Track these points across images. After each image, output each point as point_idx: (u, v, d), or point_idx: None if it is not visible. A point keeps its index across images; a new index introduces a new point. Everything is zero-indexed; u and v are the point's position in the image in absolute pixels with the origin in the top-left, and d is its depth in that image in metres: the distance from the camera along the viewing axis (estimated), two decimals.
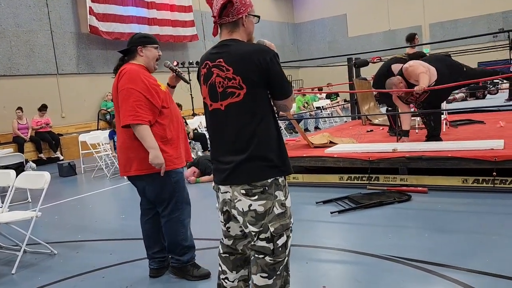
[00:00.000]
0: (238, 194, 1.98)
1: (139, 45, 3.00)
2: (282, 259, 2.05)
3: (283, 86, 2.01)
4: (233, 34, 2.02)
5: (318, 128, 12.18)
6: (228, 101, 1.97)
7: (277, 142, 2.02)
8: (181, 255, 3.08)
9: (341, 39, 21.48)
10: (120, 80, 2.88)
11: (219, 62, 1.98)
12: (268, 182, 1.97)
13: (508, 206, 4.16)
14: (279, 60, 2.00)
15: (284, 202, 2.03)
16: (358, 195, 4.78)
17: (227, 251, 2.21)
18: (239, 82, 1.93)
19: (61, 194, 6.86)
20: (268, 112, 2.01)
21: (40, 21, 11.74)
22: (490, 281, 2.71)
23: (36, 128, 10.62)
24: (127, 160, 2.96)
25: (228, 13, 1.99)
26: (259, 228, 1.98)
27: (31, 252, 4.05)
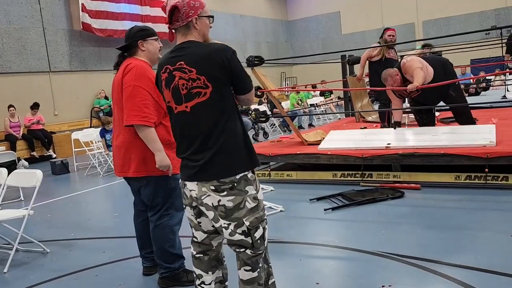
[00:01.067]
0: (207, 190, 2.01)
1: (139, 39, 2.87)
2: (262, 251, 2.09)
3: (245, 81, 2.07)
4: (187, 36, 2.08)
5: (312, 125, 12.19)
6: (195, 102, 2.01)
7: (243, 138, 2.07)
8: (171, 262, 2.96)
9: (335, 37, 21.50)
10: (126, 75, 2.75)
11: (180, 65, 2.02)
12: (236, 179, 2.00)
13: (500, 202, 4.19)
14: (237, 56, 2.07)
15: (256, 196, 2.07)
16: (352, 192, 4.79)
17: (201, 250, 2.21)
18: (204, 81, 1.98)
19: (54, 192, 6.82)
20: (233, 109, 2.06)
21: (32, 18, 11.64)
22: (482, 276, 2.73)
23: (27, 126, 10.55)
24: (125, 160, 2.86)
25: (178, 18, 2.05)
26: (230, 221, 2.02)
27: (24, 250, 4.02)
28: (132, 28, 2.96)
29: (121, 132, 2.87)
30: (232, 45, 2.13)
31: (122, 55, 2.93)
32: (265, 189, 5.43)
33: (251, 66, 6.05)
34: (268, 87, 6.43)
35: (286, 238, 3.74)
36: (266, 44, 20.95)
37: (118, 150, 2.91)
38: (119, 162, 2.92)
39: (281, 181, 5.80)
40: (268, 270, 2.18)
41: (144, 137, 2.72)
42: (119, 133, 2.90)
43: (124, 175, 2.93)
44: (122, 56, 2.93)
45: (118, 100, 2.83)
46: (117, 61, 2.94)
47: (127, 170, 2.87)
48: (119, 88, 2.80)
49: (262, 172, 6.06)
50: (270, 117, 10.39)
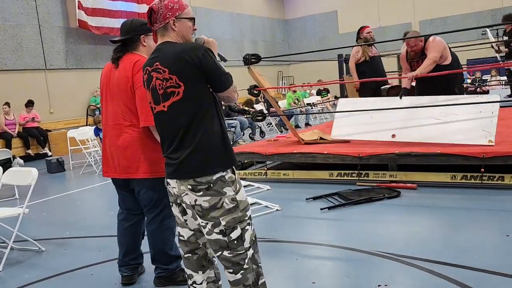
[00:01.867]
0: (185, 188, 2.04)
1: (143, 34, 2.75)
2: (242, 252, 2.07)
3: (221, 79, 2.06)
4: (164, 37, 2.11)
5: (308, 125, 12.20)
6: (171, 101, 2.03)
7: (221, 137, 2.06)
8: (168, 263, 2.91)
9: (332, 36, 21.50)
10: (138, 73, 2.61)
11: (156, 65, 2.06)
12: (213, 179, 2.01)
13: (495, 202, 4.20)
14: (213, 55, 2.07)
15: (234, 197, 2.06)
16: (348, 191, 4.79)
17: (188, 250, 2.21)
18: (176, 80, 2.01)
19: (49, 190, 6.79)
20: (210, 107, 2.05)
21: (27, 15, 11.58)
22: (478, 276, 2.73)
23: (22, 124, 10.50)
24: (133, 161, 2.73)
25: (156, 20, 2.09)
26: (207, 221, 2.03)
27: (19, 249, 4.00)
28: (132, 21, 2.83)
29: (125, 131, 2.74)
30: (229, 43, 2.14)
31: (122, 49, 2.79)
32: (261, 188, 5.42)
33: (248, 64, 6.04)
34: (265, 86, 6.41)
35: (282, 238, 3.73)
36: (263, 43, 20.93)
37: (122, 150, 2.76)
38: (124, 163, 2.76)
39: (277, 180, 5.79)
40: (257, 270, 2.16)
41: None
42: (122, 132, 2.75)
43: (130, 177, 2.78)
44: (122, 51, 2.78)
45: (126, 97, 2.70)
46: (117, 56, 2.77)
47: (135, 171, 2.75)
48: (128, 86, 2.68)
49: (259, 171, 6.06)
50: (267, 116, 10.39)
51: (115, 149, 2.80)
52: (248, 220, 2.11)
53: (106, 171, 2.93)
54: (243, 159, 6.36)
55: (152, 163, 2.74)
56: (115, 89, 2.77)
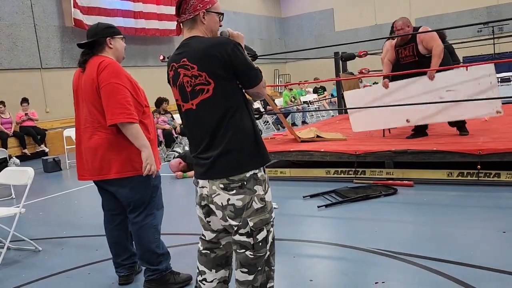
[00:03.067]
0: (216, 188, 1.98)
1: (108, 36, 2.77)
2: (263, 254, 2.05)
3: (250, 74, 2.00)
4: (192, 31, 2.04)
5: (305, 123, 12.21)
6: (199, 99, 1.97)
7: (253, 134, 2.01)
8: (157, 264, 2.85)
9: (328, 34, 21.51)
10: (102, 73, 2.64)
11: (183, 62, 1.99)
12: (246, 177, 1.97)
13: (492, 199, 4.21)
14: (243, 49, 2.00)
15: (263, 197, 2.02)
16: (345, 189, 4.80)
17: (208, 247, 2.17)
18: (205, 77, 1.94)
19: (46, 190, 6.77)
20: (241, 104, 2.00)
21: (23, 14, 11.52)
22: (475, 273, 2.74)
23: (19, 122, 10.46)
24: (104, 162, 2.71)
25: (185, 10, 2.02)
26: (238, 222, 1.99)
27: (15, 249, 3.99)
28: (98, 25, 2.86)
29: (96, 132, 2.72)
30: None
31: (88, 52, 2.79)
32: None
33: None
34: None
35: (280, 236, 3.73)
36: (259, 41, 20.91)
37: (93, 151, 2.74)
38: (95, 165, 2.75)
39: (274, 178, 5.79)
40: (268, 273, 2.14)
41: (131, 134, 2.63)
42: (92, 134, 2.74)
43: (102, 178, 2.76)
44: (88, 53, 2.79)
45: (93, 99, 2.69)
46: (83, 59, 2.78)
47: (107, 172, 2.72)
48: (94, 87, 2.67)
49: None
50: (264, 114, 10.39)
51: (88, 151, 2.79)
52: (272, 222, 2.08)
53: (82, 174, 2.91)
54: None
55: (124, 162, 2.70)
56: (83, 93, 2.76)
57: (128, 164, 2.71)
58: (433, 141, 5.32)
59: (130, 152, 2.70)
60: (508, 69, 15.34)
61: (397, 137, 6.08)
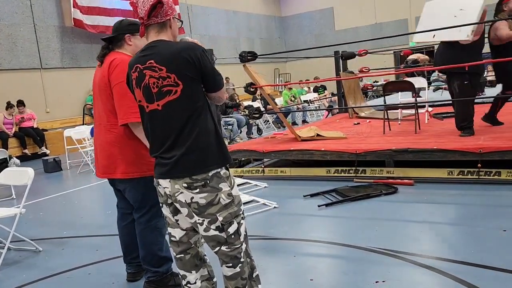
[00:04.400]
0: (179, 187, 2.02)
1: (128, 33, 2.77)
2: (239, 246, 2.09)
3: (215, 79, 2.09)
4: (160, 35, 2.08)
5: (305, 122, 12.20)
6: (166, 100, 2.01)
7: (215, 134, 2.07)
8: (158, 266, 2.84)
9: (328, 33, 21.51)
10: (113, 72, 2.63)
11: (150, 63, 2.02)
12: (208, 176, 2.01)
13: (492, 197, 4.21)
14: (208, 55, 2.07)
15: (230, 192, 2.07)
16: (345, 188, 4.80)
17: (181, 250, 2.20)
18: (174, 79, 1.98)
19: (46, 190, 6.77)
20: (205, 106, 2.06)
21: (22, 14, 11.52)
22: (475, 271, 2.74)
23: (17, 123, 10.46)
24: (111, 160, 2.74)
25: (157, 14, 2.05)
26: (204, 218, 2.03)
27: (16, 249, 3.99)
28: (122, 21, 2.85)
29: (107, 130, 2.74)
30: (225, 41, 2.13)
31: (107, 47, 2.82)
32: (258, 186, 5.42)
33: (244, 61, 6.03)
34: (260, 83, 6.41)
35: (280, 235, 3.73)
36: (259, 41, 20.91)
37: (102, 149, 2.77)
38: (104, 163, 2.78)
39: (274, 178, 5.79)
40: (251, 263, 2.19)
41: (140, 133, 2.59)
42: (103, 132, 2.76)
43: (109, 177, 2.80)
44: (107, 48, 2.81)
45: (104, 96, 2.70)
46: (102, 53, 2.80)
47: (113, 171, 2.75)
48: (106, 85, 2.69)
49: (256, 168, 6.06)
50: (264, 114, 10.39)
51: (98, 148, 2.83)
52: (242, 214, 2.14)
53: (96, 170, 2.95)
54: (240, 156, 6.36)
55: (131, 163, 2.71)
56: (98, 88, 2.78)
57: (134, 166, 2.71)
58: (434, 140, 5.32)
59: (137, 153, 2.70)
60: None
61: (397, 135, 6.08)
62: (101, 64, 2.78)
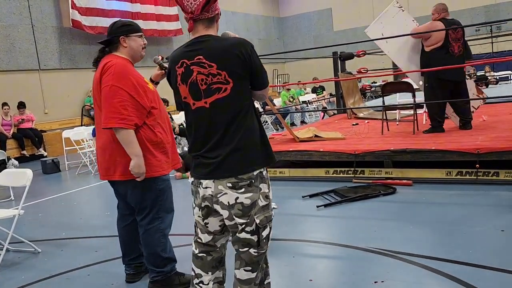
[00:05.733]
0: (223, 187, 1.96)
1: (122, 35, 2.73)
2: (264, 251, 2.07)
3: (263, 77, 2.04)
4: (208, 30, 2.02)
5: (304, 123, 12.21)
6: (215, 97, 1.95)
7: (260, 134, 2.03)
8: (162, 266, 2.84)
9: (327, 33, 21.53)
10: (105, 74, 2.61)
11: (198, 59, 1.95)
12: (254, 175, 1.97)
13: (490, 198, 4.22)
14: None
15: (268, 194, 2.04)
16: (344, 189, 4.80)
17: (204, 250, 2.16)
18: (225, 77, 1.92)
19: (45, 191, 6.76)
20: (251, 104, 2.03)
21: (20, 15, 11.51)
22: (473, 271, 2.75)
23: (16, 124, 10.45)
24: (110, 163, 2.73)
25: (209, 9, 1.99)
26: (246, 220, 1.98)
27: (14, 250, 3.99)
28: (115, 23, 2.82)
29: (103, 132, 2.72)
30: None
31: (103, 50, 2.79)
32: None
33: None
34: None
35: (279, 235, 3.73)
36: (258, 41, 20.91)
37: (102, 152, 2.77)
38: (104, 165, 2.77)
39: (273, 178, 5.78)
40: (266, 270, 2.16)
41: (122, 139, 2.59)
42: (101, 134, 2.76)
43: (110, 179, 2.79)
44: (103, 51, 2.78)
45: (98, 99, 2.69)
46: (97, 56, 2.78)
47: (113, 173, 2.73)
48: (97, 86, 2.67)
49: None
50: (262, 114, 10.39)
51: (98, 151, 2.84)
52: (272, 219, 2.10)
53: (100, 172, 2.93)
54: None
55: (129, 164, 2.66)
56: (94, 92, 2.77)
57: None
58: (432, 140, 5.33)
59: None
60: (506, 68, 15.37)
61: (396, 136, 6.09)
62: (96, 68, 2.77)
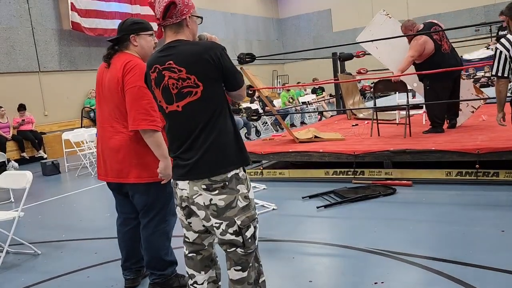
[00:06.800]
0: (198, 189, 2.00)
1: (132, 33, 2.68)
2: (253, 250, 2.09)
3: (236, 78, 2.05)
4: (178, 35, 2.05)
5: (304, 123, 12.21)
6: (186, 101, 1.99)
7: (235, 136, 2.05)
8: (163, 269, 2.83)
9: (326, 34, 21.54)
10: (128, 74, 2.56)
11: (169, 64, 1.99)
12: (228, 177, 1.99)
13: (490, 198, 4.22)
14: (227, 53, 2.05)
15: (247, 195, 2.05)
16: (344, 189, 4.80)
17: (193, 250, 2.19)
18: (194, 80, 1.96)
19: (45, 193, 6.76)
20: (225, 107, 2.04)
21: (20, 17, 11.51)
22: (473, 271, 2.74)
23: (16, 127, 10.45)
24: (124, 164, 2.66)
25: (172, 15, 2.02)
26: (221, 221, 2.01)
27: (14, 252, 3.99)
28: (126, 20, 2.77)
29: (117, 133, 2.66)
30: (223, 43, 2.11)
31: (113, 47, 2.73)
32: (257, 188, 5.42)
33: (243, 63, 6.04)
34: (258, 86, 6.42)
35: (279, 236, 3.73)
36: (257, 42, 20.93)
37: (114, 153, 2.69)
38: (114, 167, 2.70)
39: (273, 179, 5.80)
40: (258, 269, 2.18)
41: (152, 142, 2.56)
42: (114, 135, 2.68)
43: (121, 181, 2.72)
44: (113, 48, 2.72)
45: (117, 100, 2.62)
46: (107, 53, 2.72)
47: (126, 176, 2.68)
48: (119, 87, 2.60)
49: (254, 170, 6.06)
50: (262, 116, 10.39)
51: (108, 152, 2.74)
52: (257, 218, 2.11)
53: (100, 173, 2.87)
54: None
55: (144, 167, 2.66)
56: (106, 90, 2.69)
57: (147, 169, 2.66)
58: (432, 141, 5.33)
59: (150, 157, 2.64)
60: None
61: (395, 137, 6.09)
62: (108, 65, 2.70)
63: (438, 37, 5.88)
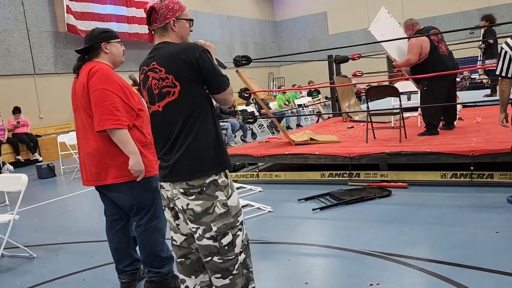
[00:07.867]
0: (177, 192, 2.02)
1: (103, 41, 2.76)
2: (232, 258, 2.04)
3: (217, 80, 2.04)
4: (163, 38, 2.10)
5: (299, 126, 12.23)
6: (166, 101, 2.01)
7: (214, 139, 2.04)
8: (160, 267, 2.85)
9: (322, 37, 21.62)
10: (91, 78, 2.65)
11: (152, 65, 2.04)
12: (205, 183, 1.98)
13: (485, 199, 4.24)
14: (211, 56, 2.06)
15: (225, 202, 2.02)
16: (340, 192, 4.82)
17: (182, 254, 2.18)
18: (172, 80, 1.99)
19: (40, 196, 6.74)
20: (205, 109, 2.04)
21: (15, 20, 11.49)
22: (468, 273, 2.76)
23: (11, 129, 10.41)
24: (101, 167, 2.72)
25: (155, 20, 2.08)
26: (198, 225, 2.01)
27: (9, 256, 3.97)
28: (94, 30, 2.85)
29: (92, 138, 2.73)
30: (219, 46, 2.14)
31: (82, 58, 2.81)
32: (253, 190, 5.43)
33: (238, 65, 6.05)
34: (253, 88, 6.43)
35: (275, 239, 3.74)
36: (253, 45, 20.97)
37: (91, 157, 2.76)
38: (94, 170, 2.75)
39: (269, 182, 5.80)
40: (247, 275, 2.13)
41: (118, 140, 2.63)
42: (90, 140, 2.75)
43: (101, 183, 2.77)
44: (82, 59, 2.81)
45: (85, 105, 2.70)
46: (77, 65, 2.81)
47: (104, 178, 2.73)
48: (85, 93, 2.68)
49: (251, 173, 6.06)
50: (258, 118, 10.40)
51: (85, 157, 2.82)
52: (239, 226, 2.07)
53: (83, 179, 2.92)
54: (235, 161, 6.36)
55: (121, 167, 2.69)
56: (77, 99, 2.77)
57: (125, 169, 2.69)
58: (427, 143, 5.36)
59: (125, 156, 2.68)
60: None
61: (390, 139, 6.11)
62: (77, 76, 2.79)
63: (436, 38, 5.95)
